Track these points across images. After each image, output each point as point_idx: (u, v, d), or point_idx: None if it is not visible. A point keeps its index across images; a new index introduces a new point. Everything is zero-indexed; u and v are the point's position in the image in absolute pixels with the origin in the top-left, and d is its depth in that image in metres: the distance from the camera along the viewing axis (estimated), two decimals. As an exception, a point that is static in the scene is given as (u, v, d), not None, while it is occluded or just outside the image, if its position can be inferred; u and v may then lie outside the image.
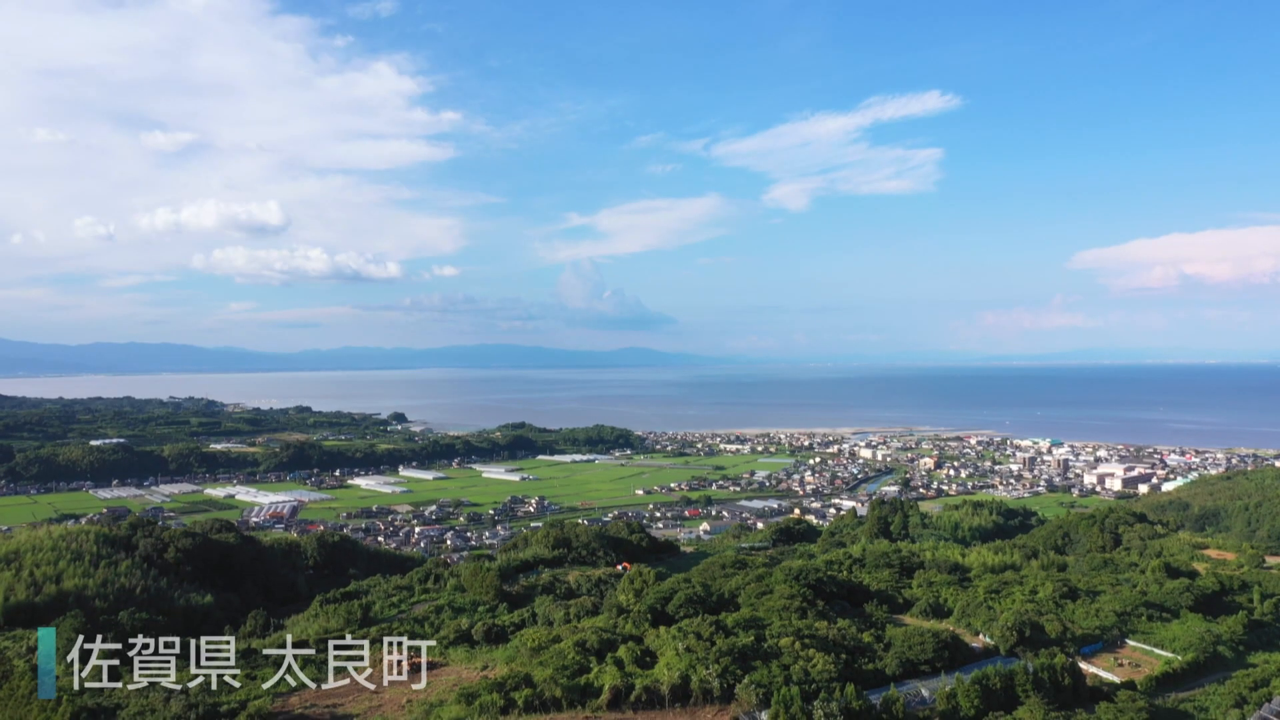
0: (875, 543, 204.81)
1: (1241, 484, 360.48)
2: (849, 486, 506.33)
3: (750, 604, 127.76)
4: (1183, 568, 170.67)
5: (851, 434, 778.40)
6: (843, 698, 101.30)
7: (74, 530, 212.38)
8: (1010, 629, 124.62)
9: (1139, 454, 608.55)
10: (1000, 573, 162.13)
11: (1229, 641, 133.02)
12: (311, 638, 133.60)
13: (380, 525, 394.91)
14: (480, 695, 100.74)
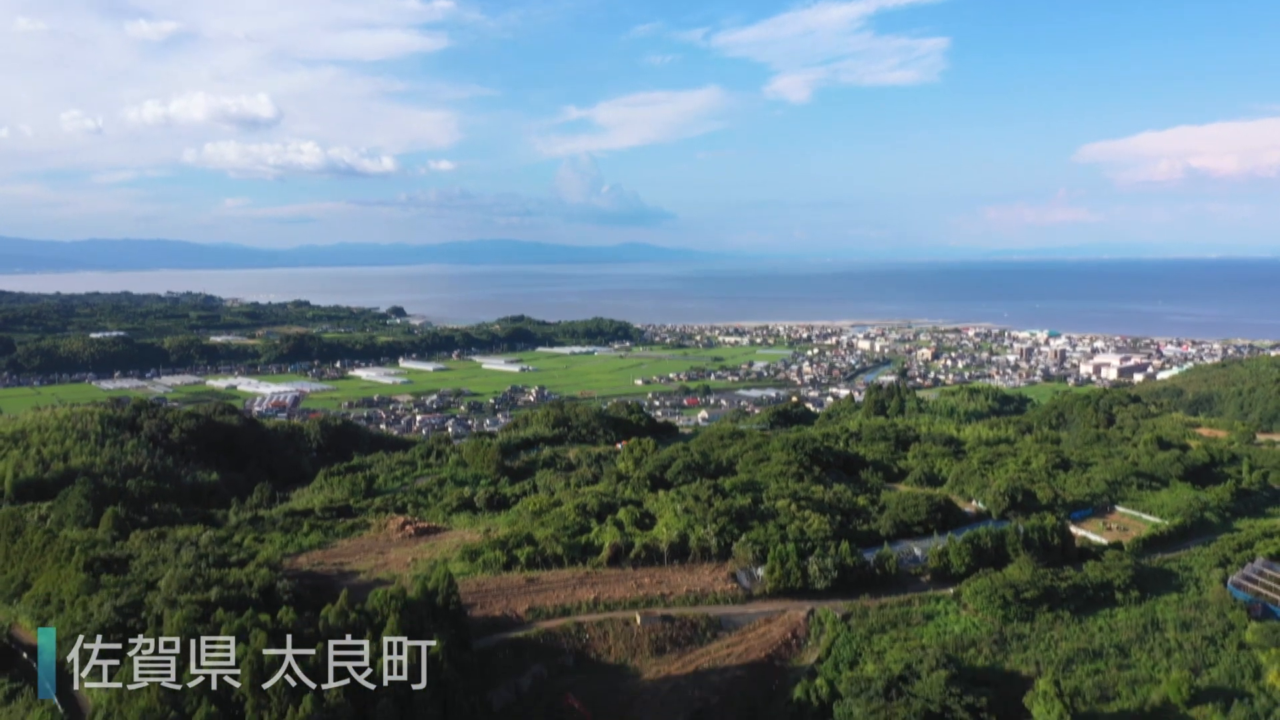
0: (871, 419, 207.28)
1: (1236, 371, 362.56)
2: (846, 377, 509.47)
3: (748, 470, 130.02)
4: (1174, 441, 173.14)
5: (850, 326, 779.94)
6: (837, 554, 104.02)
7: (79, 411, 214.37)
8: (1002, 494, 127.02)
9: (1135, 345, 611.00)
10: (994, 445, 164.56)
11: (1216, 508, 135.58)
12: (317, 507, 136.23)
13: (382, 414, 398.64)
14: (483, 553, 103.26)
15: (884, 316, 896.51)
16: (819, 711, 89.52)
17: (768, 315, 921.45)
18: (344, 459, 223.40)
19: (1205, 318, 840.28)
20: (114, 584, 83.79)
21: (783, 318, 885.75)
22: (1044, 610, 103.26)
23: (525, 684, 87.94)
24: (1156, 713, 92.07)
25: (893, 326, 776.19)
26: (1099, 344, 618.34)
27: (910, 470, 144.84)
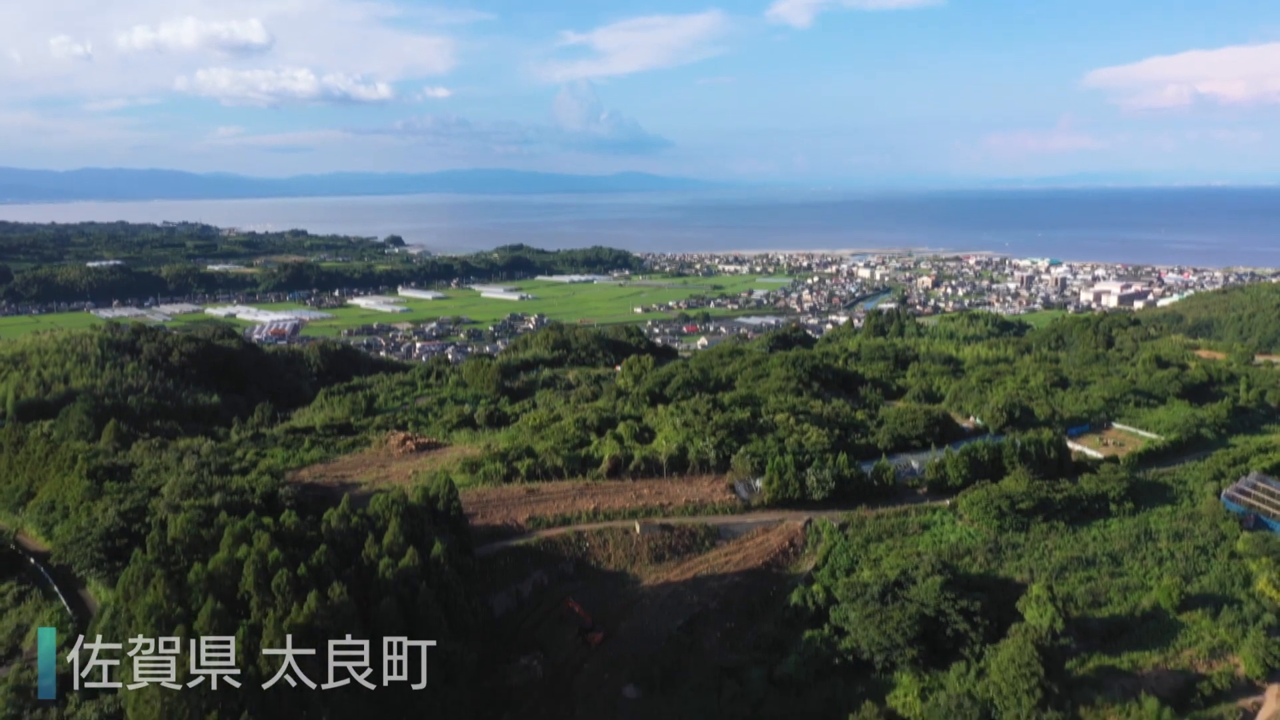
0: (870, 340, 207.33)
1: (1236, 297, 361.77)
2: (846, 304, 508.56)
3: (746, 386, 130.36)
4: (1173, 360, 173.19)
5: (850, 255, 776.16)
6: (835, 466, 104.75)
7: (78, 335, 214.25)
8: (1000, 410, 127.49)
9: (1136, 273, 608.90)
10: (993, 365, 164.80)
11: (1212, 425, 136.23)
12: (318, 425, 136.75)
13: (381, 341, 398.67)
14: (484, 465, 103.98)
15: (884, 245, 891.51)
16: (815, 616, 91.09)
17: (768, 244, 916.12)
18: (344, 382, 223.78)
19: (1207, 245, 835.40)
20: (117, 491, 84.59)
21: (783, 246, 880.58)
22: (1039, 521, 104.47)
23: (526, 590, 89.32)
24: (1147, 617, 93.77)
25: (893, 255, 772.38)
26: (1100, 272, 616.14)
27: (909, 388, 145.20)
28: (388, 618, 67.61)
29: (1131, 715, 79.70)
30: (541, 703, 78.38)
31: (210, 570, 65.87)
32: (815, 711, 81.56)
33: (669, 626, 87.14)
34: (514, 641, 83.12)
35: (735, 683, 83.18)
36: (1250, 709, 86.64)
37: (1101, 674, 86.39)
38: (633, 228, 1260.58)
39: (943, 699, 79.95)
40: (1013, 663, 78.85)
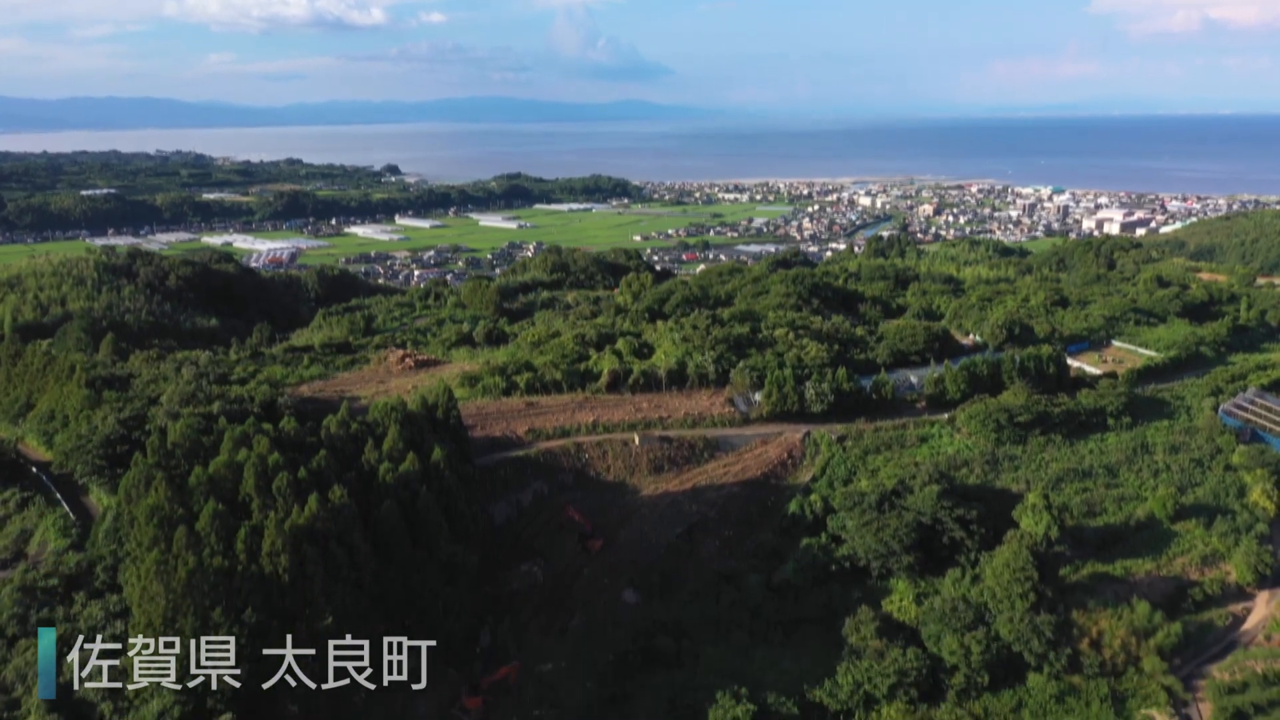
0: (871, 260, 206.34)
1: (1240, 223, 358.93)
2: (847, 232, 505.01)
3: (746, 303, 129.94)
4: (1174, 281, 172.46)
5: (851, 183, 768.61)
6: (834, 380, 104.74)
7: (73, 258, 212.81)
8: (1000, 327, 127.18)
9: (1140, 200, 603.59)
10: (994, 284, 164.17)
11: (1212, 343, 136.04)
12: (316, 344, 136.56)
13: (379, 269, 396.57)
14: (483, 378, 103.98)
15: (886, 173, 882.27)
16: (813, 525, 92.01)
17: (768, 172, 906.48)
18: (342, 303, 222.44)
19: (1212, 173, 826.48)
20: (116, 400, 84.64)
21: (783, 174, 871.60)
22: (1036, 434, 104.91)
23: (526, 499, 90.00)
24: (1141, 527, 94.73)
25: (895, 183, 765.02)
26: (1103, 199, 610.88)
27: (908, 307, 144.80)
28: (389, 521, 68.22)
29: (1123, 619, 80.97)
30: (542, 607, 79.50)
31: (211, 473, 66.17)
32: (812, 616, 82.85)
33: (668, 535, 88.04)
34: (514, 548, 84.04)
35: (734, 588, 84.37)
36: (1240, 614, 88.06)
37: (1095, 580, 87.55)
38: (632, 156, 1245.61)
39: (938, 603, 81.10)
40: (1007, 567, 79.82)
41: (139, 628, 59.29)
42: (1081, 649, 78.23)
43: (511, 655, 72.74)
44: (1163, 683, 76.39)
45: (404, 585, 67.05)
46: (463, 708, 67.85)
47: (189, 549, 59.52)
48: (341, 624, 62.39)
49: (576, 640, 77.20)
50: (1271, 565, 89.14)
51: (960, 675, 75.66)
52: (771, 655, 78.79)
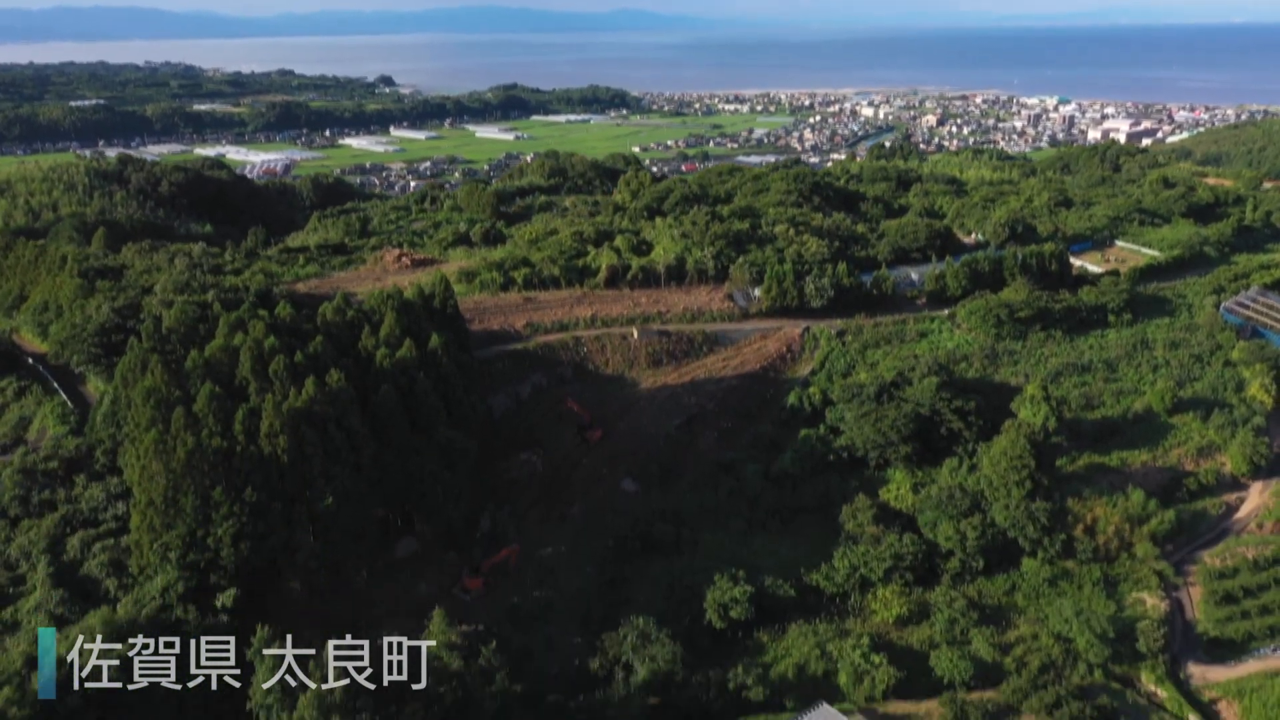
0: (873, 162, 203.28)
1: (1248, 132, 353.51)
2: (849, 143, 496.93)
3: (746, 200, 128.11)
4: (1180, 181, 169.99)
5: (854, 94, 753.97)
6: (834, 275, 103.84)
7: (63, 163, 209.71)
8: (1003, 225, 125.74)
9: (1147, 110, 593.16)
10: (997, 185, 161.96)
11: (1216, 243, 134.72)
12: (312, 245, 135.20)
13: (375, 181, 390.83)
14: (480, 274, 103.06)
15: (889, 84, 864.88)
16: (811, 416, 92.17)
17: (769, 83, 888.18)
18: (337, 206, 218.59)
19: (1221, 83, 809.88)
20: (109, 289, 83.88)
21: (785, 85, 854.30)
22: (1036, 330, 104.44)
23: (525, 391, 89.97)
24: (1138, 419, 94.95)
25: (898, 94, 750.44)
26: (1109, 110, 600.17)
27: (910, 207, 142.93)
28: (386, 405, 68.10)
29: (1118, 506, 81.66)
30: (541, 495, 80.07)
31: (207, 357, 65.81)
32: (810, 505, 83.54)
33: (666, 426, 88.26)
34: (513, 439, 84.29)
35: (732, 478, 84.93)
36: (1234, 503, 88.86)
37: (1091, 471, 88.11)
38: (630, 67, 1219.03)
39: (934, 491, 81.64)
40: (1004, 455, 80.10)
41: (140, 507, 59.59)
42: (1076, 535, 79.08)
43: (511, 540, 73.47)
44: (1154, 567, 77.42)
45: (403, 469, 67.27)
46: (463, 588, 68.76)
47: (187, 430, 59.46)
48: (341, 505, 62.79)
49: (576, 527, 77.96)
50: (1267, 456, 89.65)
51: (955, 560, 76.64)
52: (769, 542, 79.68)
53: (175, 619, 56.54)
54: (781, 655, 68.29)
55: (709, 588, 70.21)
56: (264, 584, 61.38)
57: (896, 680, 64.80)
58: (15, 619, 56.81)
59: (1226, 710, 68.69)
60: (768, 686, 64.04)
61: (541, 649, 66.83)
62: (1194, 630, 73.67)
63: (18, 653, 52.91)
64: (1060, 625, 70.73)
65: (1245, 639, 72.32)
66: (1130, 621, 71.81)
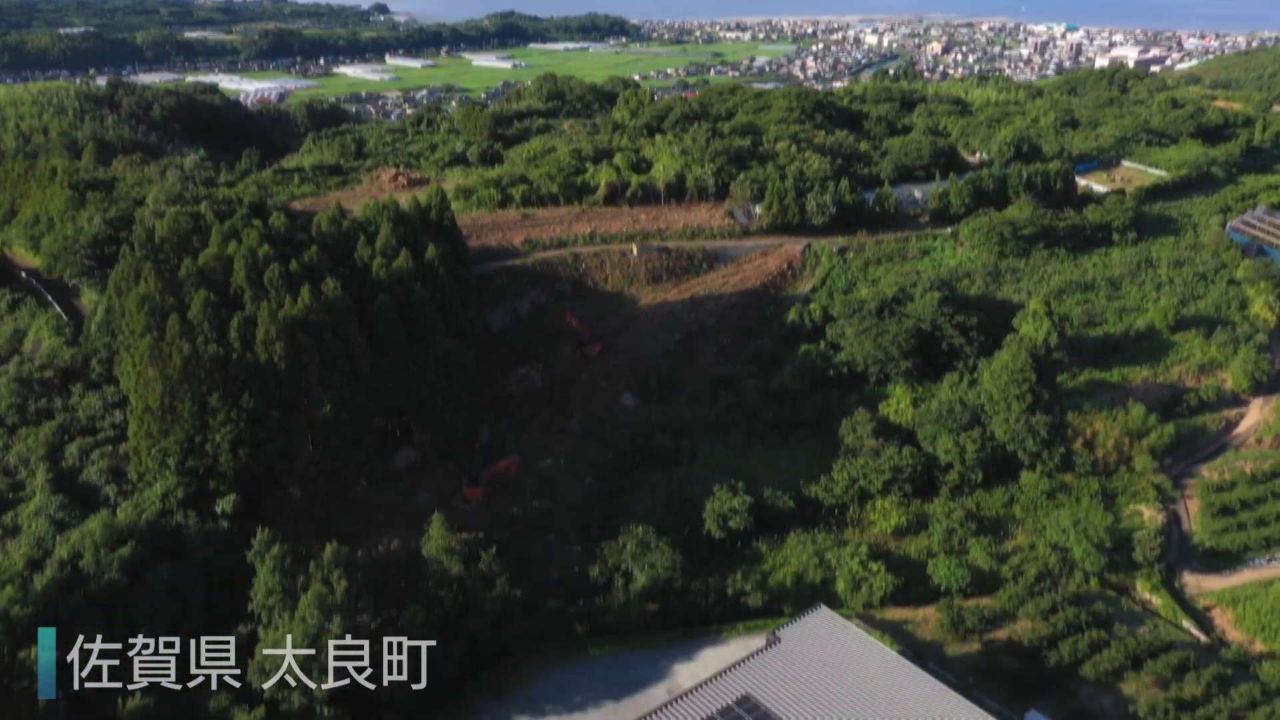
0: (877, 83, 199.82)
1: (1259, 58, 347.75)
2: (852, 71, 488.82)
3: (748, 118, 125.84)
4: (1189, 103, 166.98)
5: (857, 21, 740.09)
6: (836, 192, 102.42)
7: (53, 87, 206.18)
8: (1008, 144, 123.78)
9: (1156, 38, 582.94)
10: (1002, 106, 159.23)
11: (1223, 163, 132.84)
12: (307, 166, 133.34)
13: (371, 110, 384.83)
14: (477, 190, 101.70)
15: (893, 11, 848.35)
16: (811, 333, 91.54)
17: (771, 10, 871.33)
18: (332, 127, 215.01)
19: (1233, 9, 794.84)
20: (101, 201, 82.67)
21: (787, 12, 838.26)
22: (1040, 248, 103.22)
23: (523, 308, 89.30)
24: (1140, 336, 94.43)
25: (902, 21, 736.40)
26: (1117, 37, 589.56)
27: (914, 127, 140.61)
28: (383, 315, 67.52)
29: (1117, 420, 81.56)
30: (541, 408, 79.94)
31: (201, 265, 64.98)
32: (809, 419, 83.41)
33: (666, 342, 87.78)
34: (512, 354, 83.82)
35: (731, 393, 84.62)
36: (1234, 418, 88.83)
37: (1092, 387, 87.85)
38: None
39: (934, 405, 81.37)
40: (1005, 370, 79.71)
41: (137, 413, 59.33)
42: (1075, 449, 79.06)
43: (510, 451, 73.46)
44: (1153, 481, 77.58)
45: (401, 378, 66.92)
46: (463, 498, 68.92)
47: (182, 336, 58.93)
48: (339, 413, 62.55)
49: (575, 440, 77.93)
50: (1268, 373, 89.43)
51: (954, 473, 76.68)
52: (768, 455, 79.67)
53: (175, 524, 56.76)
54: (780, 564, 68.77)
55: (708, 499, 70.35)
56: (263, 491, 61.42)
57: (894, 587, 65.36)
58: (16, 524, 56.95)
59: (1220, 617, 69.54)
60: (766, 593, 64.51)
61: (541, 557, 67.23)
62: (1190, 542, 74.18)
63: (19, 555, 53.17)
64: (1057, 535, 71.14)
65: (1241, 550, 72.89)
66: (1127, 532, 72.22)
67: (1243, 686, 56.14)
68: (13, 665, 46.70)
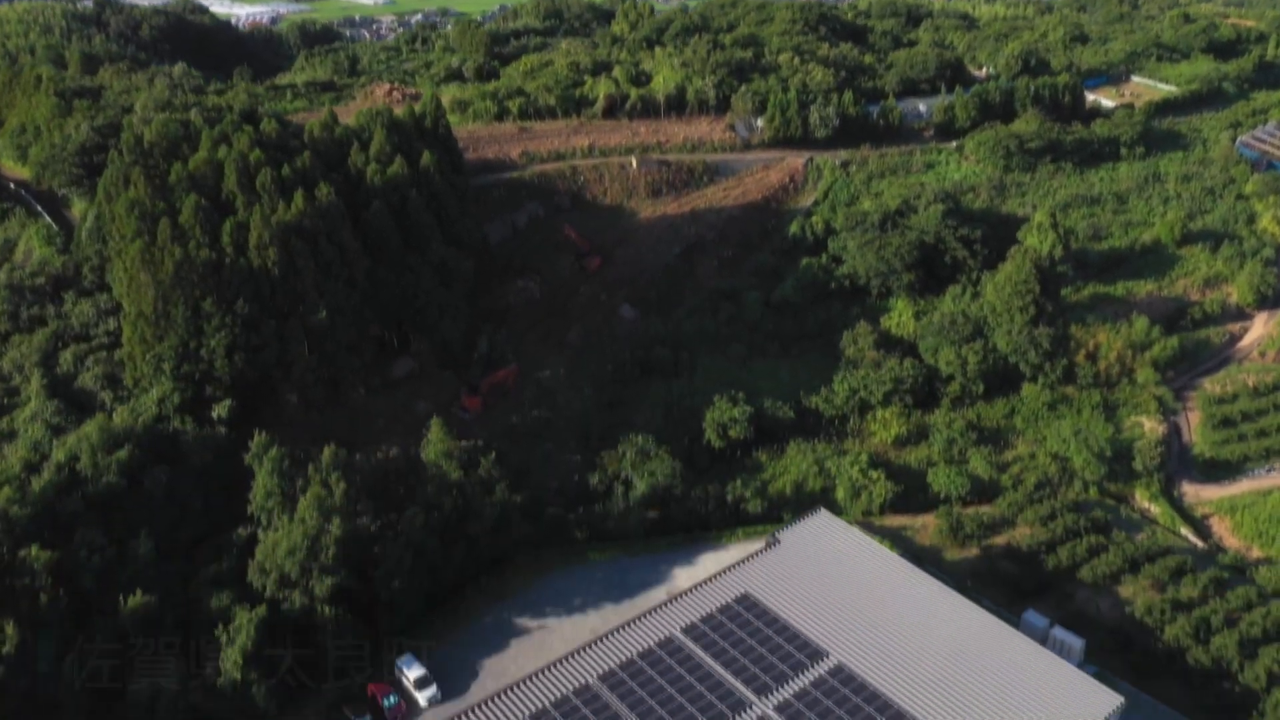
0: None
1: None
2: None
3: (750, 30, 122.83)
4: (1201, 18, 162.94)
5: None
6: (839, 105, 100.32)
7: (39, 6, 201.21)
8: (1015, 58, 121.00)
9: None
10: (1010, 21, 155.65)
11: (1235, 79, 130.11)
12: (300, 82, 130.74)
13: (365, 34, 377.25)
14: (473, 103, 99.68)
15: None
16: (813, 246, 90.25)
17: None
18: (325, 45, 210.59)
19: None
20: (88, 109, 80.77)
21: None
22: (1046, 162, 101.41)
23: (521, 220, 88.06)
24: (1146, 251, 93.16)
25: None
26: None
27: (920, 41, 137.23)
28: (378, 221, 66.46)
29: (1120, 333, 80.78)
30: (539, 320, 79.23)
31: (191, 170, 63.66)
32: (810, 332, 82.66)
33: (666, 255, 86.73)
34: (510, 266, 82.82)
35: (732, 305, 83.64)
36: (1238, 332, 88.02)
37: (1096, 300, 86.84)
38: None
39: (936, 318, 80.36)
40: (1009, 281, 78.56)
41: (130, 319, 58.69)
42: (1077, 361, 78.41)
43: (509, 361, 72.93)
44: (1154, 393, 77.09)
45: (397, 285, 66.12)
46: (462, 407, 68.59)
47: (174, 241, 57.97)
48: (335, 319, 61.90)
49: (574, 352, 77.37)
50: (1274, 287, 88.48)
51: (956, 384, 76.18)
52: (768, 367, 79.11)
53: (173, 430, 56.47)
54: (780, 473, 68.69)
55: (708, 409, 69.97)
56: (260, 398, 61.11)
57: (893, 495, 65.45)
58: (12, 428, 56.69)
59: (1218, 525, 69.69)
60: (766, 500, 64.60)
61: (540, 465, 67.15)
62: (1190, 453, 74.04)
63: (16, 458, 53.00)
64: (1058, 445, 71.01)
65: (1240, 461, 72.69)
66: (1127, 443, 72.00)
67: (1239, 589, 56.42)
68: (13, 564, 46.85)
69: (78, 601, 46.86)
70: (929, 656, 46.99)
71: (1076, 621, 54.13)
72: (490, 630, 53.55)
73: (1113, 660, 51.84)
